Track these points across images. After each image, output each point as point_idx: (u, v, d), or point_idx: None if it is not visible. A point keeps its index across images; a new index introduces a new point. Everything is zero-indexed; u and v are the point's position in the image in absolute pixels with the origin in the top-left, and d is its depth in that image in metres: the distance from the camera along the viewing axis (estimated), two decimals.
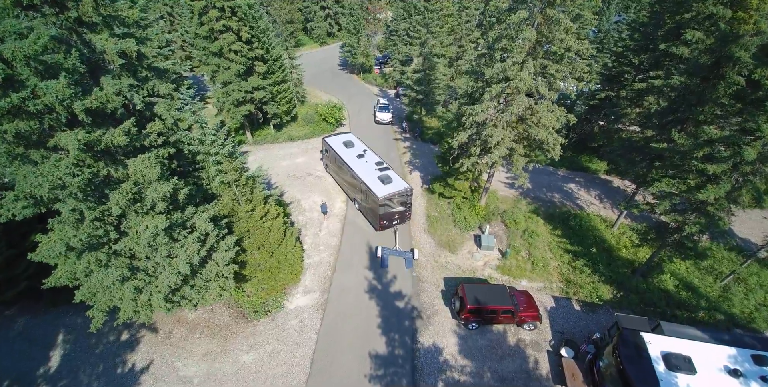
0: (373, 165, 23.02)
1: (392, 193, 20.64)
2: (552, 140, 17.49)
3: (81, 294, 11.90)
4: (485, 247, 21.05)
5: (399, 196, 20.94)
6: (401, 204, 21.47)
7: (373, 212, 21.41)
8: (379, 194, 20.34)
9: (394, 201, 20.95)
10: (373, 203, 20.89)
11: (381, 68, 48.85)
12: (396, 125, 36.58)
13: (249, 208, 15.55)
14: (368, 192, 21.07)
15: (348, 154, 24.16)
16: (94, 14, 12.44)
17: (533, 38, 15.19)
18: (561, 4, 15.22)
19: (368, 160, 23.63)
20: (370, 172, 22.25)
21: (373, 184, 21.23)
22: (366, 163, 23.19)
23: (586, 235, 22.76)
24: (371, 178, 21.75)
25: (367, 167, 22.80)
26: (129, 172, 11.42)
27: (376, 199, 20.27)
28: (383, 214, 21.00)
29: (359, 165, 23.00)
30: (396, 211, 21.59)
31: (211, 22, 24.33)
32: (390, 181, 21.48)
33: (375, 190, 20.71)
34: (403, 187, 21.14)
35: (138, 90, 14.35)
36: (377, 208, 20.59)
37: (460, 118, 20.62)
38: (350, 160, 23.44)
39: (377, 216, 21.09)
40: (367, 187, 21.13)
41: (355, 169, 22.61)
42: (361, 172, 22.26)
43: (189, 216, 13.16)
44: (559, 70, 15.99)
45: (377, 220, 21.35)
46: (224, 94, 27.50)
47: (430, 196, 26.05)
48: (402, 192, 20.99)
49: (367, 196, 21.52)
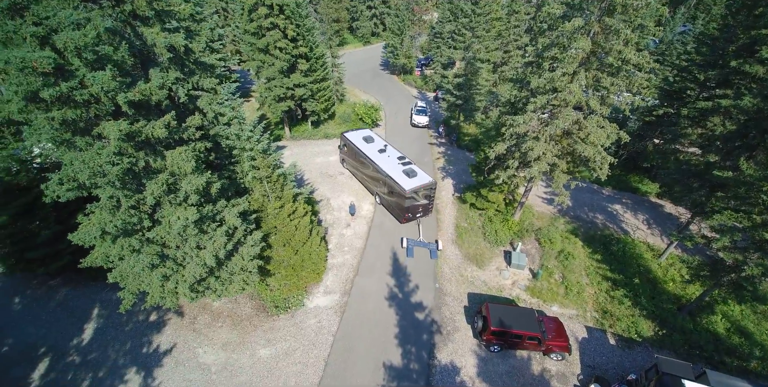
0: (396, 159, 23.54)
1: (418, 186, 21.10)
2: (600, 158, 16.28)
3: (113, 276, 12.32)
4: (515, 265, 20.04)
5: (424, 189, 21.47)
6: (425, 197, 22.05)
7: (399, 205, 21.82)
8: (407, 187, 20.76)
9: (420, 194, 21.46)
10: (399, 196, 21.36)
11: (422, 70, 48.26)
12: (432, 129, 35.92)
13: (278, 205, 15.57)
14: (394, 185, 21.53)
15: (370, 149, 24.52)
16: (148, 8, 12.76)
17: (588, 48, 14.13)
18: (622, 13, 14.06)
19: (390, 154, 24.08)
20: (395, 166, 22.75)
21: (398, 177, 21.68)
22: (389, 158, 23.64)
23: (629, 262, 21.15)
24: (396, 171, 22.21)
25: (390, 161, 23.27)
26: (167, 163, 11.64)
27: (404, 191, 20.70)
28: (409, 206, 21.47)
29: (382, 159, 23.43)
30: (420, 204, 22.11)
31: (260, 19, 24.80)
32: (415, 174, 22.04)
33: (402, 183, 21.14)
34: (428, 181, 21.73)
35: (183, 83, 14.72)
36: (403, 200, 21.02)
37: (500, 128, 19.76)
38: (372, 155, 23.88)
39: (403, 208, 21.56)
40: (393, 180, 21.59)
41: (378, 163, 23.04)
42: (385, 166, 22.71)
43: (220, 209, 13.29)
44: (614, 83, 14.80)
45: (403, 212, 21.80)
46: (267, 89, 28.00)
47: (461, 205, 25.25)
48: (427, 185, 21.55)
49: (392, 190, 21.98)
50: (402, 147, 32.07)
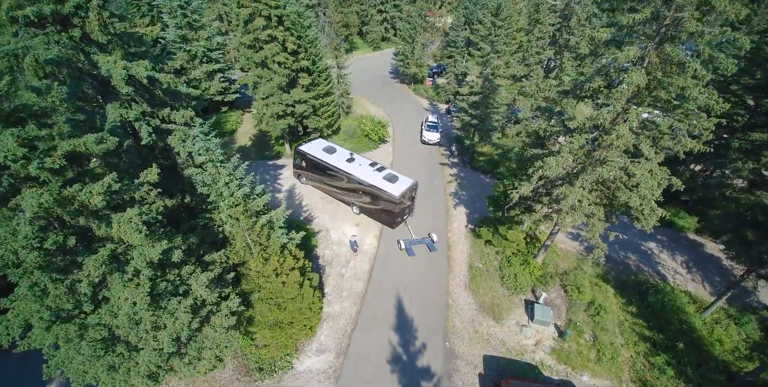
0: (369, 167, 22.86)
1: (405, 190, 21.06)
2: (648, 210, 13.54)
3: (52, 366, 9.99)
4: (539, 320, 17.38)
5: (410, 191, 21.61)
6: (411, 199, 22.36)
7: (389, 212, 21.59)
8: (396, 193, 20.63)
9: (407, 197, 21.52)
10: (388, 203, 21.19)
11: (434, 80, 45.53)
12: (444, 147, 33.26)
13: (261, 261, 13.17)
14: (380, 194, 21.19)
15: (337, 160, 23.33)
16: (101, 32, 10.38)
17: (643, 83, 11.43)
18: (690, 39, 11.33)
19: (361, 163, 23.28)
20: (373, 174, 22.16)
21: (383, 185, 21.30)
22: (361, 166, 22.86)
23: (669, 317, 18.34)
24: (377, 179, 21.73)
25: (365, 170, 22.53)
26: (112, 230, 9.30)
27: (394, 198, 20.60)
28: (399, 211, 21.42)
29: (356, 169, 22.58)
30: (407, 206, 22.38)
31: (257, 31, 22.45)
32: (396, 178, 21.90)
33: (389, 190, 20.90)
34: (411, 182, 21.83)
35: (151, 117, 12.40)
36: (395, 206, 20.94)
37: (522, 161, 17.13)
38: (343, 166, 22.83)
39: (394, 214, 21.41)
40: (378, 188, 21.19)
41: (354, 174, 22.21)
42: (363, 176, 22.01)
43: (185, 277, 10.93)
44: (674, 126, 12.07)
45: (394, 218, 21.64)
46: (264, 106, 25.68)
47: (475, 240, 22.60)
48: (412, 187, 21.72)
49: (377, 198, 21.60)
50: (411, 168, 29.51)
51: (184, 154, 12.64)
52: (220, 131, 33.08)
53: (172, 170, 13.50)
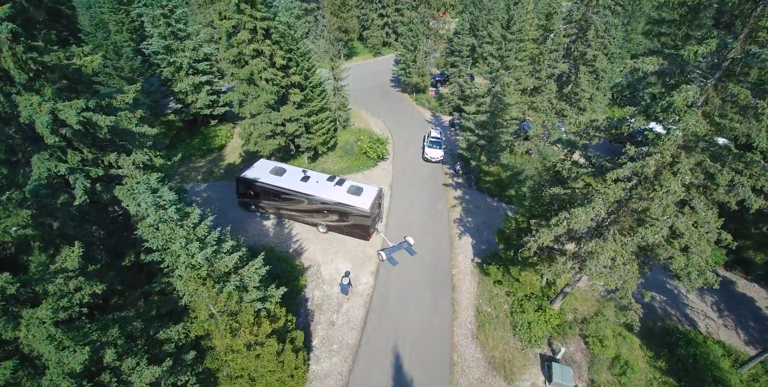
0: (328, 183, 21.72)
1: (373, 200, 20.51)
2: (695, 272, 11.29)
3: None
4: (558, 384, 15.14)
5: (377, 199, 21.10)
6: (378, 206, 21.90)
7: (361, 226, 21.00)
8: (366, 207, 20.08)
9: (376, 206, 21.10)
10: (359, 218, 20.60)
11: (437, 89, 43.22)
12: (447, 165, 31.00)
13: (228, 336, 10.96)
14: (349, 210, 20.45)
15: (290, 182, 21.58)
16: (19, 71, 8.25)
17: (702, 131, 9.16)
18: (757, 75, 9.06)
19: (317, 179, 21.98)
20: (334, 191, 21.17)
21: (350, 200, 20.49)
22: (319, 184, 21.64)
23: (702, 374, 16.08)
24: (342, 195, 20.81)
25: (325, 187, 21.38)
26: (21, 334, 7.10)
27: (365, 212, 20.09)
28: (371, 223, 20.95)
29: (315, 188, 21.29)
30: (377, 214, 22.04)
31: (241, 45, 20.24)
32: (361, 190, 21.17)
33: (357, 204, 20.22)
34: (376, 190, 21.36)
35: (90, 168, 10.18)
36: (367, 220, 20.47)
37: (539, 199, 14.91)
38: (299, 187, 21.27)
39: (367, 228, 20.91)
40: (346, 205, 20.38)
41: (315, 194, 20.92)
42: (325, 195, 20.89)
43: (126, 372, 8.72)
44: (735, 179, 9.80)
45: (367, 231, 21.11)
46: (251, 125, 23.49)
47: (482, 277, 20.37)
48: (378, 195, 21.27)
49: (345, 215, 20.85)
50: (412, 190, 27.33)
51: (134, 207, 10.42)
52: (208, 147, 30.98)
53: (124, 224, 11.30)
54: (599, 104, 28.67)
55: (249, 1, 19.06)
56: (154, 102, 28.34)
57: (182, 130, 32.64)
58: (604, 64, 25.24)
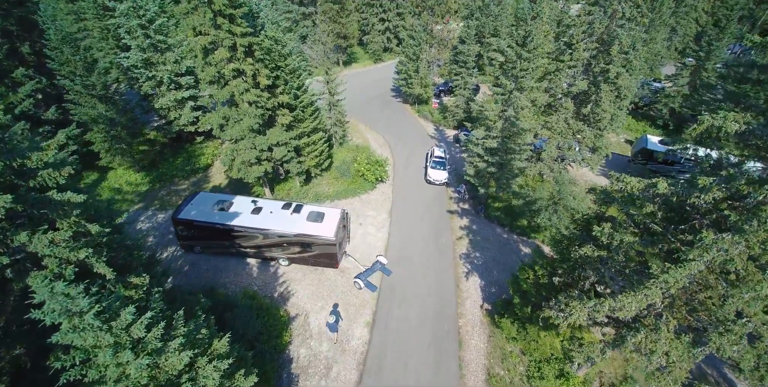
0: (283, 211, 19.38)
1: (337, 225, 18.72)
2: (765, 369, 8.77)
3: None
4: None
5: (341, 222, 19.43)
6: (344, 228, 20.26)
7: (329, 255, 19.24)
8: (330, 234, 18.30)
9: (341, 231, 19.41)
10: (325, 247, 18.81)
11: (440, 101, 40.61)
12: (452, 187, 28.46)
13: None
14: (312, 240, 18.54)
15: (240, 218, 18.86)
16: None
17: None
18: None
19: (271, 209, 19.54)
20: (293, 220, 18.95)
21: (312, 230, 18.47)
22: (273, 215, 19.20)
23: None
24: (301, 225, 18.68)
25: (281, 217, 19.05)
26: None
27: (330, 240, 18.35)
28: (338, 249, 19.26)
29: (270, 220, 18.86)
30: (343, 237, 20.44)
31: (220, 64, 17.74)
32: (322, 215, 19.21)
33: (321, 233, 18.31)
34: (339, 213, 19.51)
35: None
36: (332, 247, 18.74)
37: (565, 254, 12.42)
38: (252, 222, 18.70)
39: (335, 256, 19.20)
40: (307, 235, 18.41)
41: (271, 228, 18.52)
42: (283, 227, 18.58)
43: None
44: None
45: (335, 259, 19.40)
46: (233, 151, 20.99)
47: (493, 329, 17.85)
48: (342, 217, 19.55)
49: (308, 245, 18.88)
50: (412, 218, 24.81)
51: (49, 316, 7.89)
52: (193, 167, 28.54)
53: None
54: (620, 123, 26.12)
55: (227, 15, 16.56)
56: (131, 121, 25.83)
57: (166, 147, 30.29)
58: (627, 81, 22.65)
